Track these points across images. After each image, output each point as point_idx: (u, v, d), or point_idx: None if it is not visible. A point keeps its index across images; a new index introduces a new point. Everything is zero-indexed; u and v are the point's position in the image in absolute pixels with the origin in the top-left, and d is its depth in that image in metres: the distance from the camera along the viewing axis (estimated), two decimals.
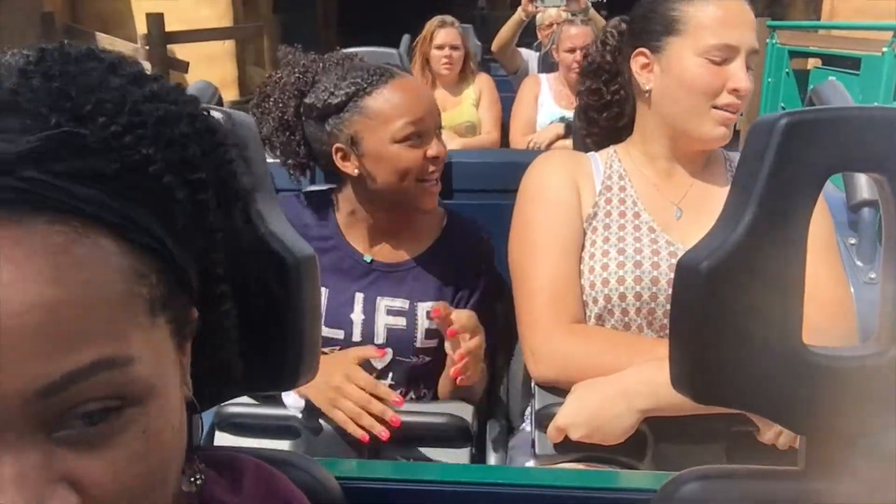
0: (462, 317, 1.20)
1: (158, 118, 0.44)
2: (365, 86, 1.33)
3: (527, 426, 1.35)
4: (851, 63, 3.84)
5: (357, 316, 1.39)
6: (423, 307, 1.39)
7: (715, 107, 1.20)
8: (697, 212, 1.26)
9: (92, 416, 0.39)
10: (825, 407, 0.60)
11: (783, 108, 4.36)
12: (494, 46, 3.78)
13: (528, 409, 1.37)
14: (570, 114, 3.19)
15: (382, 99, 1.32)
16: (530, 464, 1.24)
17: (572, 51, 3.13)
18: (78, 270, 0.38)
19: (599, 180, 1.31)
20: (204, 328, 0.50)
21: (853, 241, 1.45)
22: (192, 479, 0.51)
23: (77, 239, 0.39)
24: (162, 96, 0.46)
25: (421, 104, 1.34)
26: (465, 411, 1.32)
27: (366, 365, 1.31)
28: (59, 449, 0.38)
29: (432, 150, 1.33)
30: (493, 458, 1.28)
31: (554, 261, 1.24)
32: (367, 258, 1.42)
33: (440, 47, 3.27)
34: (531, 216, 1.29)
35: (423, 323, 1.39)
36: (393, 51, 1.82)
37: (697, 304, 0.60)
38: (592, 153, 1.37)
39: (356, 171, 1.35)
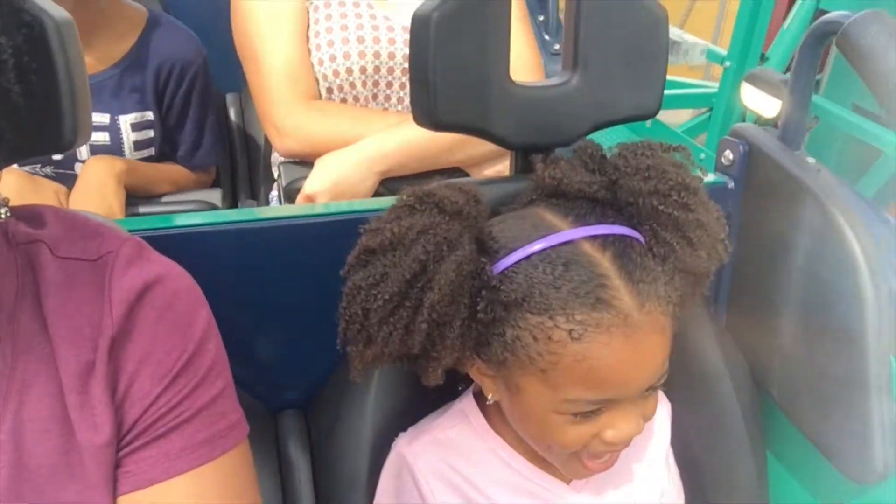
0: None
1: None
2: None
3: (275, 202, 1.45)
4: None
5: None
6: (126, 119, 1.36)
7: None
8: None
9: None
10: (529, 127, 0.78)
11: None
12: None
13: (273, 194, 1.47)
14: None
15: None
16: None
17: None
18: None
19: None
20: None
21: (542, 17, 1.68)
22: None
23: None
24: None
25: None
26: (214, 196, 1.38)
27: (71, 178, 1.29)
28: None
29: None
30: None
31: (283, 40, 1.29)
32: None
33: None
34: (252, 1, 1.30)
35: (128, 136, 1.37)
36: None
37: (430, 47, 0.72)
38: None
39: None
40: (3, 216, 0.56)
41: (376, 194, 1.28)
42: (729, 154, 0.96)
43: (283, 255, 0.84)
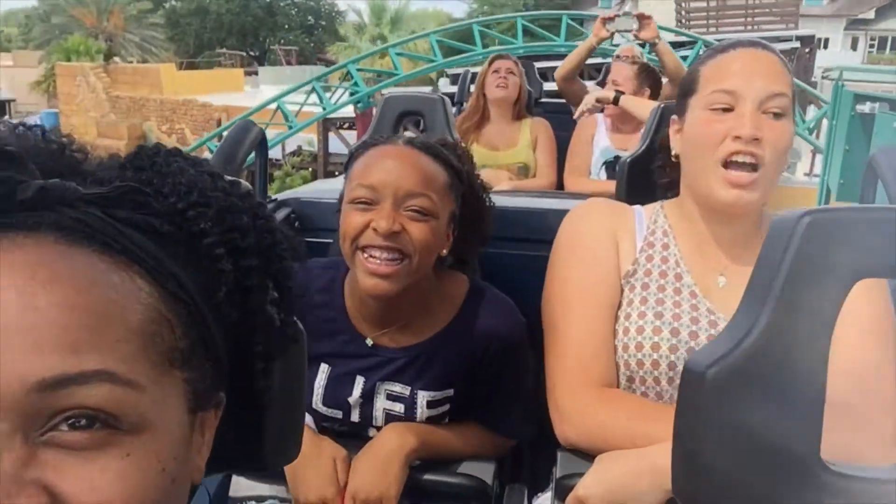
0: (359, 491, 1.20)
1: (222, 206, 0.51)
2: (358, 149, 1.31)
3: (549, 492, 1.30)
4: None
5: (355, 399, 1.31)
6: (425, 395, 1.30)
7: (723, 165, 1.13)
8: (742, 281, 1.19)
9: (81, 421, 0.41)
10: None
11: (846, 152, 4.21)
12: (558, 73, 3.65)
13: (551, 474, 1.32)
14: (625, 153, 3.14)
15: (357, 162, 1.27)
16: None
17: (611, 83, 3.17)
18: (107, 290, 0.43)
19: (642, 236, 1.26)
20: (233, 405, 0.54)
21: None
22: None
23: (116, 269, 0.45)
24: (231, 192, 0.53)
25: (381, 170, 1.22)
26: (486, 472, 1.28)
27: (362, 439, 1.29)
28: (43, 452, 0.40)
29: (377, 220, 1.19)
30: None
31: (586, 319, 1.20)
32: (369, 342, 1.32)
33: (496, 71, 3.26)
34: (565, 270, 1.25)
35: (422, 412, 1.30)
36: (427, 90, 1.79)
37: (702, 411, 0.56)
38: (637, 206, 1.32)
39: None
40: None
41: None
42: None
43: None
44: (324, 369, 1.32)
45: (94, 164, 0.51)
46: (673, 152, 1.26)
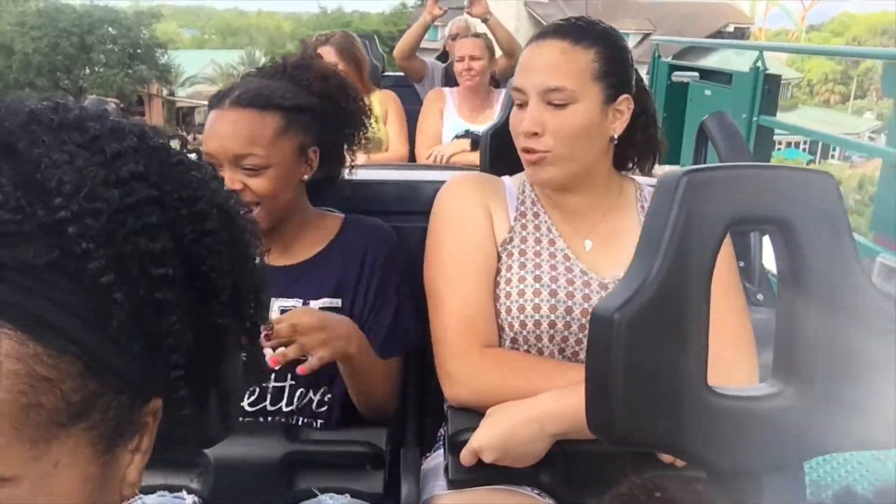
0: (294, 317, 1.21)
1: (118, 208, 0.41)
2: (209, 105, 1.38)
3: (439, 450, 1.36)
4: (725, 78, 4.13)
5: None
6: (317, 304, 1.39)
7: (524, 151, 1.25)
8: (607, 244, 1.30)
9: None
10: (728, 446, 0.65)
11: (665, 117, 4.60)
12: (397, 52, 3.72)
13: (441, 432, 1.39)
14: (474, 126, 3.25)
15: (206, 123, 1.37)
16: (443, 488, 1.25)
17: (461, 59, 3.22)
18: None
19: (513, 206, 1.33)
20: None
21: (742, 264, 1.55)
22: None
23: None
24: (148, 176, 0.43)
25: (213, 137, 1.32)
26: (378, 437, 1.32)
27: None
28: None
29: None
30: (406, 484, 1.29)
31: (467, 285, 1.26)
32: None
33: None
34: (443, 240, 1.31)
35: None
36: None
37: (611, 352, 0.63)
38: (506, 177, 1.40)
39: None
40: None
41: (549, 456, 1.16)
42: None
43: None
44: None
45: None
46: None
